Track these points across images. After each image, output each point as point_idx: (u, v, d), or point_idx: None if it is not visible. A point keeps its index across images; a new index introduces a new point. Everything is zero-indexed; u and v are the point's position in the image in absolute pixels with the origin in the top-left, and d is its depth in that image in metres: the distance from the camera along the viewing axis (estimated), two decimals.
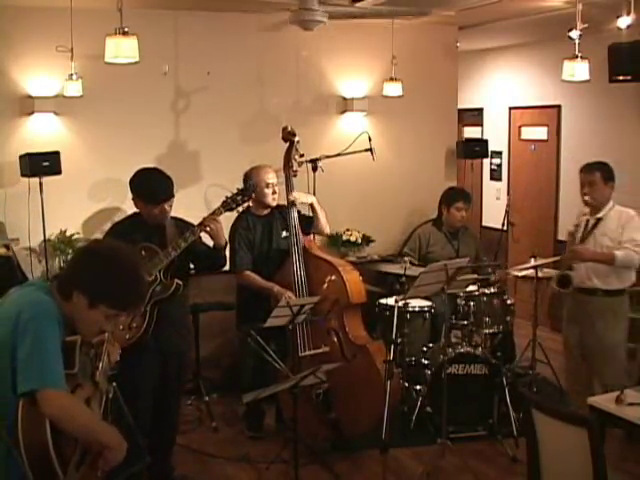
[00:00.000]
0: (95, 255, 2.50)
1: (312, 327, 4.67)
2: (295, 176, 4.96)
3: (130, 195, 4.13)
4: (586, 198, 4.70)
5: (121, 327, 3.72)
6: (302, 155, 4.99)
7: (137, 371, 3.84)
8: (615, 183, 4.73)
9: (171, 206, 4.09)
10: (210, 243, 4.22)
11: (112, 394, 2.71)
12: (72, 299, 2.42)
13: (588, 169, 4.76)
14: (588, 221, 4.72)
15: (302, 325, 4.60)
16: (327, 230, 5.18)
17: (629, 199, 6.62)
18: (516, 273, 5.88)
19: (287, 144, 4.93)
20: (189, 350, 4.40)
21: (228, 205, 4.14)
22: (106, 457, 2.42)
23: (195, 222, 4.11)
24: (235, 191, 4.18)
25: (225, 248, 4.23)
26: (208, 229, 4.03)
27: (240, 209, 4.26)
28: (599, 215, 4.67)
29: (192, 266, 4.27)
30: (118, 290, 2.43)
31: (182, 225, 4.20)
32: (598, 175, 4.66)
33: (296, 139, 4.91)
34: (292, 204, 4.87)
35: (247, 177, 4.90)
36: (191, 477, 4.49)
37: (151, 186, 4.05)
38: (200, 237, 4.12)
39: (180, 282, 4.00)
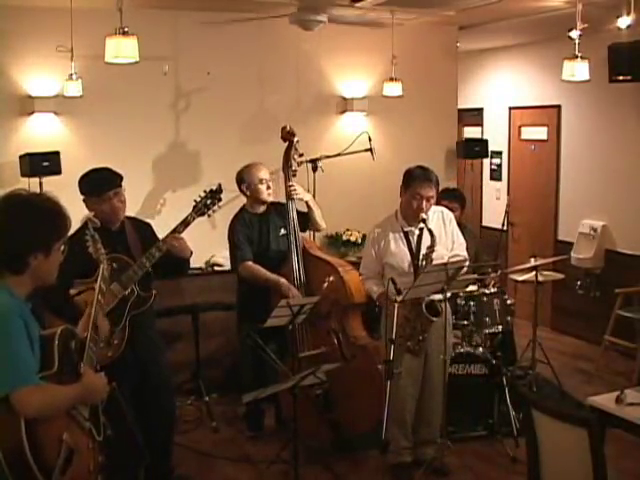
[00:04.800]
0: (17, 216, 2.48)
1: (312, 327, 4.67)
2: (294, 176, 4.94)
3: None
4: (423, 215, 4.27)
5: (102, 345, 3.62)
6: (301, 155, 4.97)
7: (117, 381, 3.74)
8: None
9: (122, 202, 3.94)
10: None
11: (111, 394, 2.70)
12: (30, 266, 2.46)
13: (428, 181, 4.31)
14: (408, 234, 4.40)
15: (302, 325, 4.58)
16: (323, 225, 5.09)
17: (631, 197, 6.68)
18: (516, 278, 5.90)
19: (286, 144, 4.91)
20: (165, 350, 4.30)
21: (199, 210, 3.99)
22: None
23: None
24: (203, 194, 4.03)
25: (190, 258, 4.09)
26: (172, 248, 3.86)
27: (211, 213, 4.05)
28: (421, 225, 4.31)
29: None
30: (56, 224, 2.52)
31: (139, 224, 4.11)
32: (435, 189, 4.36)
33: (295, 139, 4.88)
34: (291, 197, 4.83)
35: (240, 176, 4.88)
36: (191, 477, 4.49)
37: (94, 178, 3.94)
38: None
39: (156, 292, 3.92)
